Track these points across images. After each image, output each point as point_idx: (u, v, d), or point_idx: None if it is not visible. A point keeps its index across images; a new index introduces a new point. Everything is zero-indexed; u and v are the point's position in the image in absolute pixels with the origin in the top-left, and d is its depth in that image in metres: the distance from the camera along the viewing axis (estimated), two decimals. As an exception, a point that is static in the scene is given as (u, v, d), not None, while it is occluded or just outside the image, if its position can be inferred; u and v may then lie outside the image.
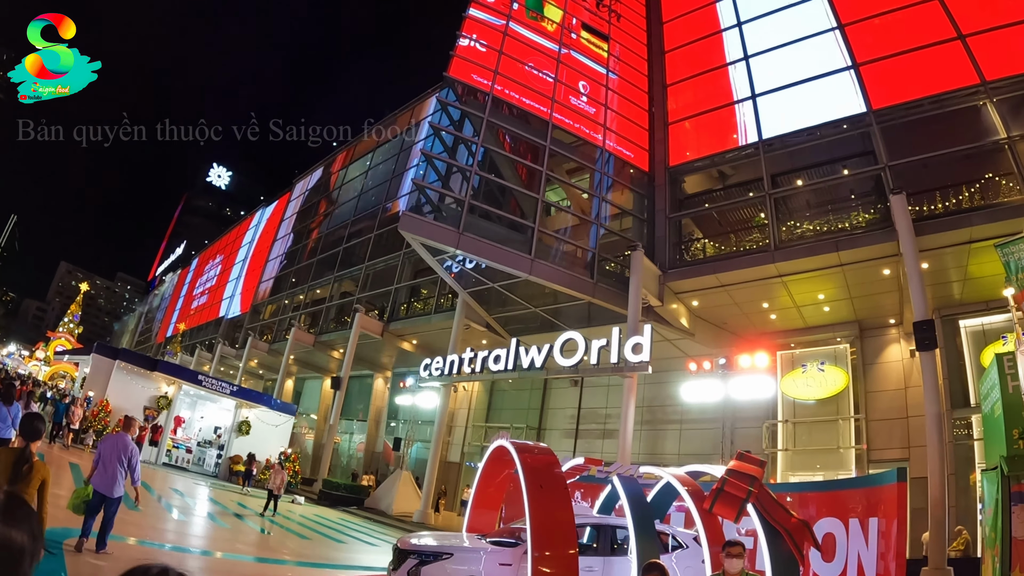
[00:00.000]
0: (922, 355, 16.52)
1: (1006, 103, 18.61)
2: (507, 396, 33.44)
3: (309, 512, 22.40)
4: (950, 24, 20.34)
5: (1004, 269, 10.39)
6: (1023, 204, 17.01)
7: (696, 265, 22.73)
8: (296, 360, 39.60)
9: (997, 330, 19.29)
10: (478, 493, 11.47)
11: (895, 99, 20.28)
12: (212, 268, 68.26)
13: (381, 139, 41.59)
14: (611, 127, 25.81)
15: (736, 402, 23.46)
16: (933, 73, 19.96)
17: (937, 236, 17.40)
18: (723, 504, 7.79)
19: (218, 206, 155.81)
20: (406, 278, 33.93)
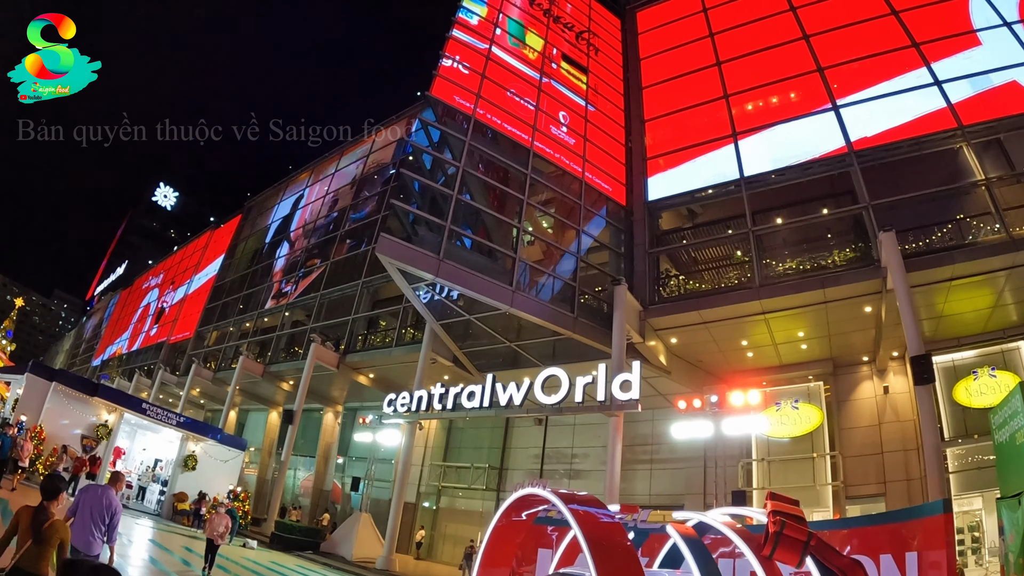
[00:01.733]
0: (918, 389, 16.17)
1: (982, 146, 18.95)
2: (466, 434, 31.47)
3: (263, 558, 19.88)
4: (927, 70, 20.70)
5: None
6: (1001, 243, 17.07)
7: (679, 301, 21.79)
8: (241, 390, 36.64)
9: (968, 366, 19.43)
10: (490, 548, 9.68)
11: (875, 141, 20.33)
12: (154, 290, 64.07)
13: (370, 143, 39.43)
14: (590, 159, 24.76)
15: (709, 441, 22.29)
16: (911, 116, 20.13)
17: (920, 274, 17.14)
18: (784, 549, 6.77)
19: (162, 227, 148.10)
20: (364, 308, 31.83)
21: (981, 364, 19.27)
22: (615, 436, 19.12)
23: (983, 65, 20.04)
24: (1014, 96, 19.01)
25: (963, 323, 19.53)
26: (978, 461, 18.08)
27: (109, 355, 66.75)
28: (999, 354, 19.50)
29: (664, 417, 24.68)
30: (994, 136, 18.96)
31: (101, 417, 24.80)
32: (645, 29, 29.78)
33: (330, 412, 36.94)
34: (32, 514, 5.85)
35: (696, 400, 18.81)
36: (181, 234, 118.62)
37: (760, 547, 7.19)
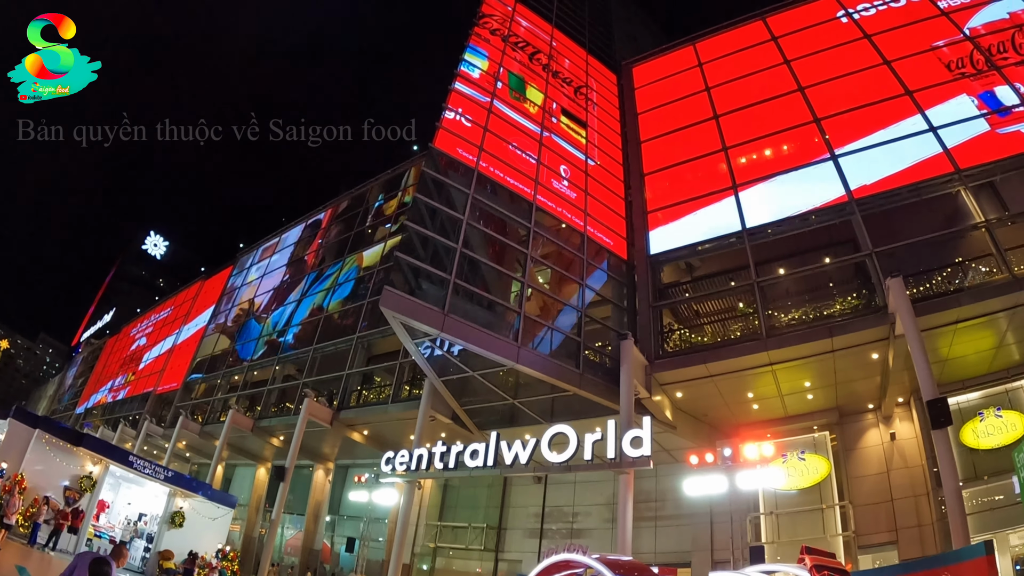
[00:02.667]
0: (935, 432, 15.62)
1: (977, 189, 19.05)
2: (463, 493, 30.31)
3: None
4: (922, 117, 20.86)
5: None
6: (1006, 283, 16.94)
7: (686, 355, 21.24)
8: (229, 445, 35.06)
9: (973, 408, 19.14)
10: None
11: (875, 188, 20.36)
12: (142, 338, 62.41)
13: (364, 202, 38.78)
14: (591, 213, 24.44)
15: (714, 496, 21.56)
16: (909, 163, 20.21)
17: (926, 318, 16.82)
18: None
19: (152, 275, 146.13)
20: (359, 364, 30.83)
21: (986, 405, 19.02)
22: (625, 494, 18.25)
23: (975, 110, 20.27)
24: (1008, 138, 19.10)
25: (966, 366, 19.24)
26: (990, 503, 17.72)
27: (93, 403, 64.62)
28: (1003, 394, 19.24)
29: (668, 473, 23.97)
30: (991, 179, 19.05)
31: (85, 468, 23.26)
32: (641, 84, 29.92)
33: (321, 469, 35.56)
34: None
35: (708, 454, 18.12)
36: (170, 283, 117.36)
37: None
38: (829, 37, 25.58)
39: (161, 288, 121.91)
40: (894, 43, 23.68)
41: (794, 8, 27.95)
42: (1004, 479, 17.67)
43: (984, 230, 18.12)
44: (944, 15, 23.60)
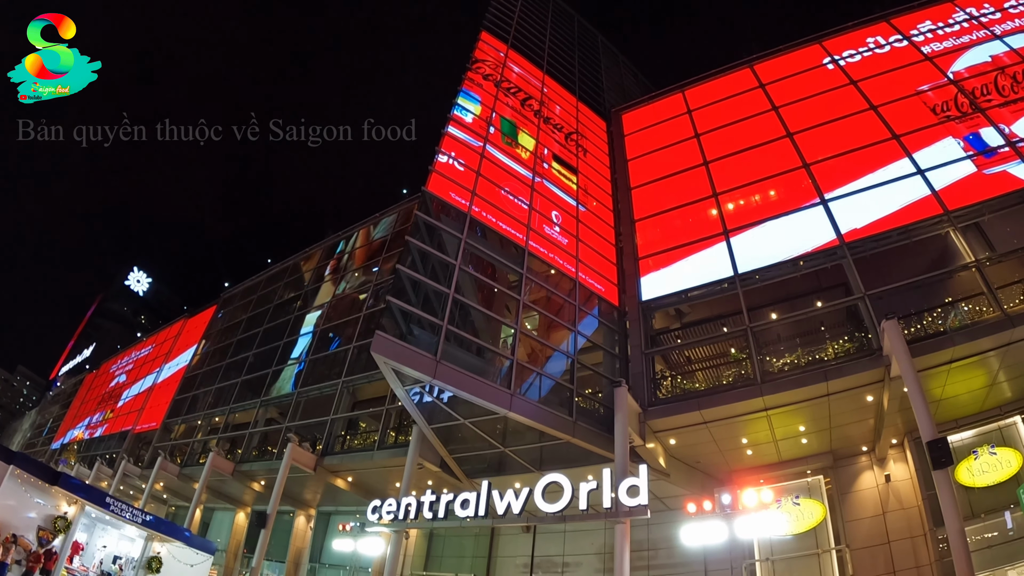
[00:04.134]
0: (936, 473, 15.21)
1: (967, 229, 19.10)
2: (448, 542, 29.26)
3: None
4: (909, 160, 21.08)
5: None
6: (998, 321, 16.91)
7: (680, 401, 20.76)
8: (208, 488, 33.76)
9: (967, 446, 19.04)
10: None
11: (865, 232, 20.39)
12: (121, 375, 60.79)
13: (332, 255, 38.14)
14: (582, 259, 24.16)
15: (708, 545, 20.93)
16: (899, 205, 20.37)
17: (921, 359, 16.66)
18: None
19: (133, 312, 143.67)
20: (344, 409, 29.87)
21: (980, 443, 18.91)
22: (622, 544, 17.48)
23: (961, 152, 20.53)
24: (994, 178, 19.29)
25: (960, 405, 19.17)
26: (987, 540, 17.52)
27: (70, 439, 62.55)
28: (997, 431, 19.14)
29: (661, 521, 23.33)
30: (978, 219, 19.14)
31: (60, 508, 21.83)
32: (630, 131, 30.01)
33: (302, 515, 34.30)
34: None
35: (707, 502, 17.53)
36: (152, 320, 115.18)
37: None
38: (816, 83, 25.89)
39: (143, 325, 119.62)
40: (880, 88, 24.00)
41: (780, 56, 28.36)
42: (999, 516, 17.56)
43: (975, 270, 18.17)
44: (928, 60, 24.07)
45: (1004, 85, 21.60)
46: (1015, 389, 18.65)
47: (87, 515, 23.31)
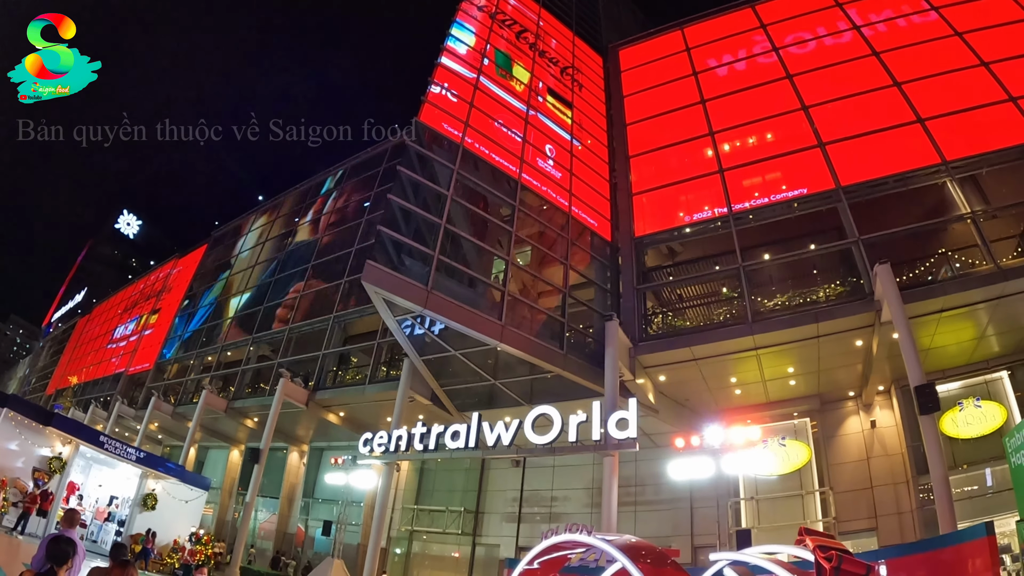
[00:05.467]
0: (923, 420, 15.35)
1: (966, 181, 18.85)
2: (439, 476, 29.60)
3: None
4: (909, 108, 20.49)
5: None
6: (991, 274, 16.80)
7: (671, 337, 20.72)
8: (202, 426, 33.91)
9: (952, 397, 19.17)
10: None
11: (862, 176, 19.98)
12: (114, 318, 60.52)
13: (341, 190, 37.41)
14: (575, 193, 23.75)
15: (694, 482, 21.34)
16: (897, 152, 19.95)
17: (912, 306, 16.51)
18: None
19: (124, 256, 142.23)
20: (335, 344, 29.78)
21: (966, 395, 19.08)
22: (610, 477, 17.64)
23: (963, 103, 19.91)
24: (994, 131, 18.87)
25: (947, 356, 19.26)
26: (968, 492, 17.80)
27: (64, 384, 62.66)
28: (983, 385, 19.35)
29: (649, 458, 23.55)
30: (976, 171, 18.86)
31: (55, 449, 21.81)
32: (627, 67, 29.24)
33: (295, 451, 34.62)
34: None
35: (695, 437, 17.62)
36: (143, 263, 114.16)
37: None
38: (818, 26, 25.12)
39: (134, 268, 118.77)
40: (883, 34, 23.29)
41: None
42: (980, 468, 17.84)
43: (970, 222, 17.97)
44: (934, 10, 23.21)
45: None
46: (1003, 344, 18.74)
47: (82, 455, 23.33)
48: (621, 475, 20.97)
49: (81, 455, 23.29)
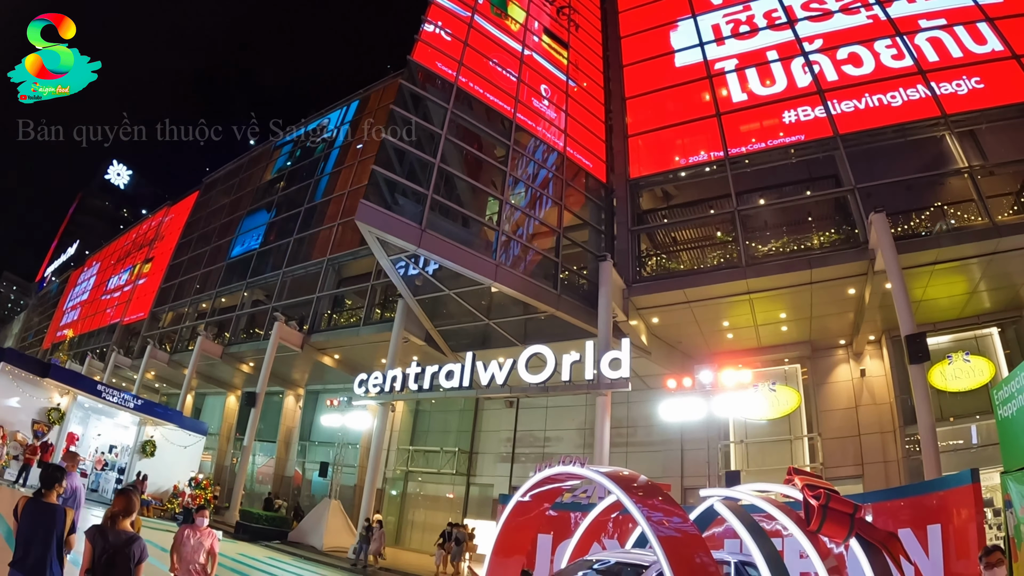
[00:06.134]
0: (912, 369, 15.50)
1: (965, 136, 18.64)
2: (434, 417, 29.88)
3: (231, 550, 18.04)
4: (911, 59, 20.25)
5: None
6: (986, 229, 16.80)
7: (664, 279, 20.72)
8: (198, 373, 34.14)
9: (942, 351, 19.26)
10: (504, 533, 8.34)
11: (860, 125, 19.74)
12: (107, 270, 60.24)
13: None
14: (571, 134, 23.47)
15: (685, 424, 21.48)
16: (896, 103, 19.67)
17: (906, 256, 16.55)
18: (832, 523, 6.43)
19: (115, 207, 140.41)
20: (329, 287, 29.78)
21: (955, 349, 19.18)
22: (603, 417, 17.90)
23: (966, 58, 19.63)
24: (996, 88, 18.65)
25: (938, 309, 19.35)
26: (954, 445, 18.03)
27: (60, 338, 62.67)
28: (972, 340, 19.53)
29: (641, 399, 23.79)
30: (975, 126, 18.67)
31: (53, 400, 22.01)
32: (625, 8, 28.47)
33: (291, 395, 34.91)
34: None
35: (687, 378, 17.75)
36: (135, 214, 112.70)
37: (803, 523, 6.51)
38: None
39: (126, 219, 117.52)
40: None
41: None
42: (966, 423, 18.13)
43: (967, 176, 17.94)
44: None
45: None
46: (995, 300, 18.86)
47: (80, 406, 23.54)
48: (613, 416, 21.28)
49: (79, 405, 23.53)
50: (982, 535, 7.59)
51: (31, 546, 5.33)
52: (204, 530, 7.83)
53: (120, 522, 5.18)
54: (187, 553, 7.55)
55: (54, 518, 5.40)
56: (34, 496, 5.56)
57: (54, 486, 5.60)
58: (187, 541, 7.61)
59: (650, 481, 6.55)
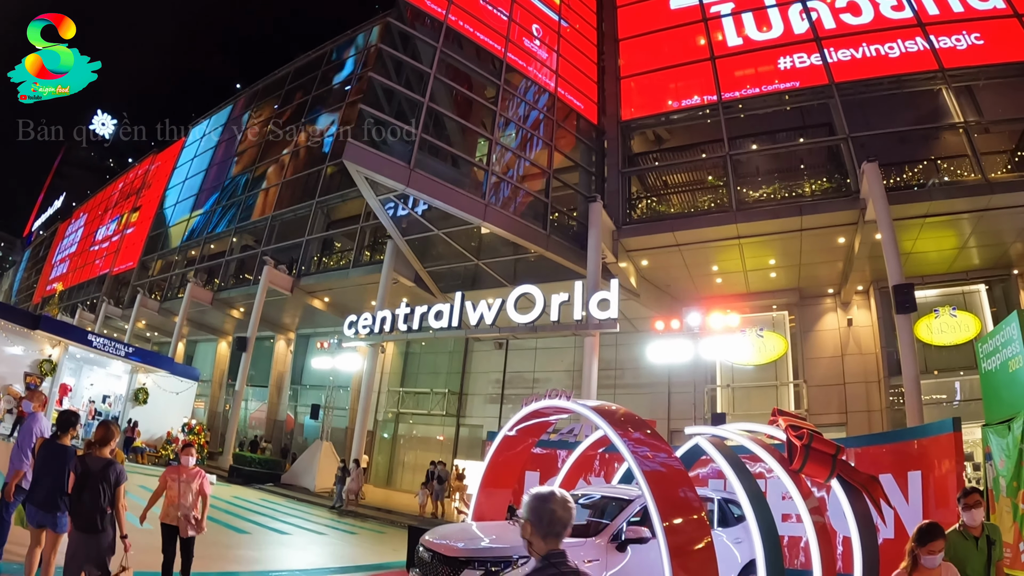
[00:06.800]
0: (898, 319, 15.69)
1: (962, 92, 18.61)
2: (424, 359, 30.05)
3: (225, 493, 18.52)
4: (911, 12, 20.09)
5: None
6: (979, 185, 16.90)
7: (654, 222, 20.76)
8: (189, 320, 34.03)
9: (928, 304, 19.38)
10: (492, 468, 8.41)
11: (856, 75, 19.69)
12: (95, 221, 59.39)
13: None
14: (562, 75, 23.12)
15: (672, 367, 21.78)
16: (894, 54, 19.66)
17: (897, 208, 16.53)
18: (814, 464, 6.44)
19: (100, 157, 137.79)
20: (318, 230, 29.56)
21: (942, 303, 19.39)
22: (591, 357, 18.06)
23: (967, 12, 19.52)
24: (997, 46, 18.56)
25: (927, 263, 19.48)
26: (937, 399, 18.50)
27: (49, 291, 62.16)
28: (960, 295, 19.80)
29: (629, 342, 23.98)
30: (973, 82, 18.62)
31: (44, 352, 22.03)
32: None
33: (282, 340, 34.98)
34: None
35: (675, 320, 17.89)
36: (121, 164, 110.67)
37: (786, 462, 6.53)
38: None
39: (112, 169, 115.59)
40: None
41: None
42: (950, 377, 18.46)
43: (962, 131, 17.91)
44: None
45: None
46: (984, 257, 18.99)
47: (72, 357, 23.55)
48: (601, 359, 21.46)
49: (71, 356, 23.55)
50: (962, 484, 7.63)
51: (43, 481, 5.79)
52: (192, 470, 7.12)
53: (98, 450, 5.46)
54: (173, 497, 6.87)
55: (65, 458, 5.77)
56: (50, 438, 6.03)
57: (69, 429, 6.01)
58: (172, 485, 6.93)
59: (636, 416, 6.55)
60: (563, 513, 2.52)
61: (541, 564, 2.47)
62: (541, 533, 2.50)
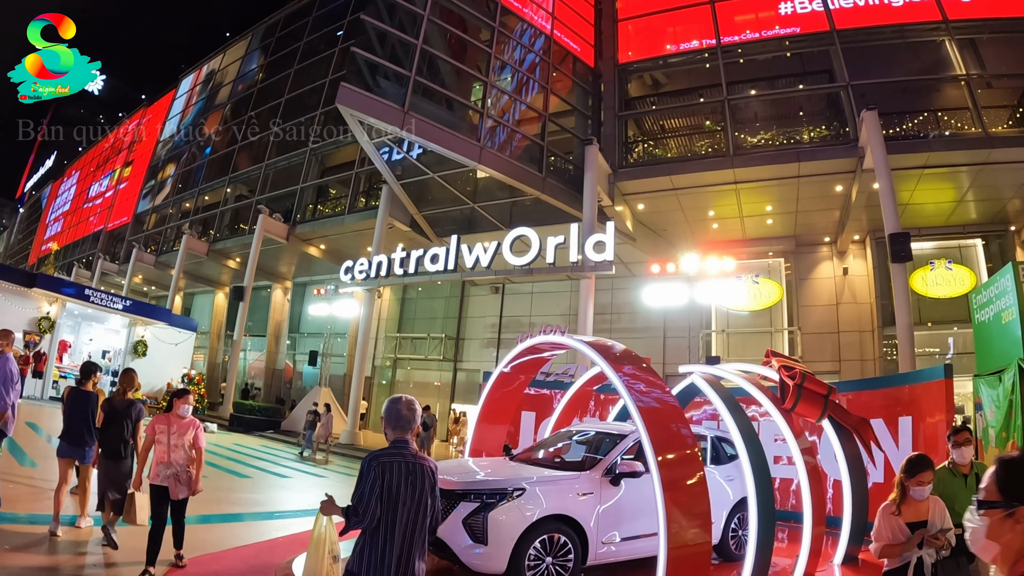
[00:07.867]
0: (893, 268, 15.82)
1: (965, 45, 18.44)
2: (420, 305, 30.23)
3: (226, 441, 18.87)
4: None
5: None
6: (978, 139, 16.87)
7: (651, 166, 20.70)
8: (185, 273, 34.02)
9: (924, 256, 19.54)
10: (488, 403, 8.55)
11: (858, 23, 19.43)
12: (87, 178, 58.79)
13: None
14: (558, 17, 22.72)
15: (668, 311, 21.98)
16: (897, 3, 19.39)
17: (896, 157, 16.48)
18: (806, 403, 6.47)
19: (91, 113, 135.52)
20: (312, 177, 29.38)
21: (938, 256, 19.51)
22: (587, 300, 18.18)
23: None
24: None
25: (924, 215, 19.46)
26: (930, 352, 18.69)
27: (45, 251, 61.86)
28: (956, 249, 19.89)
29: (625, 286, 24.18)
30: (977, 35, 18.43)
31: (42, 310, 22.16)
32: None
33: (279, 288, 35.04)
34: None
35: (670, 264, 17.96)
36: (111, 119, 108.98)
37: (779, 402, 6.58)
38: None
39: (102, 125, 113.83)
40: None
41: None
42: (944, 330, 18.60)
43: (964, 84, 17.75)
44: None
45: None
46: (981, 212, 18.97)
47: (70, 313, 23.63)
48: (597, 303, 21.59)
49: (69, 313, 23.68)
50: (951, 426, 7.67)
51: (72, 421, 6.94)
52: (184, 421, 6.19)
53: (123, 394, 6.94)
54: (163, 454, 5.98)
55: (87, 401, 7.03)
56: (76, 384, 7.20)
57: (91, 376, 7.20)
58: (161, 439, 6.02)
59: (632, 351, 6.60)
60: (407, 412, 3.37)
61: (388, 447, 3.30)
62: (391, 426, 3.37)
